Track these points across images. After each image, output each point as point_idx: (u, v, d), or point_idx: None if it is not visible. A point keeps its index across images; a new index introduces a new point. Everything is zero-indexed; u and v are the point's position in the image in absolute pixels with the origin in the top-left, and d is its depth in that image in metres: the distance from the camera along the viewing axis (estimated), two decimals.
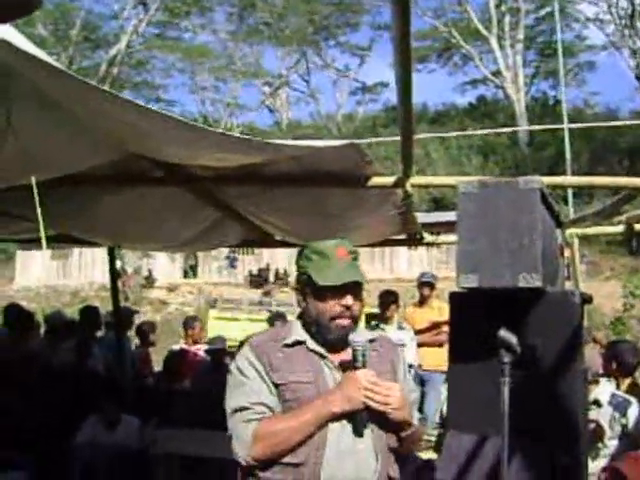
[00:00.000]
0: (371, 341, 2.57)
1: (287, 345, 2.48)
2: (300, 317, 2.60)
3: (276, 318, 7.23)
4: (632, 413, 4.40)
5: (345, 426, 2.43)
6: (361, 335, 2.49)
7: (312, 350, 2.49)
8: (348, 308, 2.47)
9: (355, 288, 2.49)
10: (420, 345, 7.60)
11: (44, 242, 2.84)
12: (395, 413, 2.44)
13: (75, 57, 43.38)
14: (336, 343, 2.50)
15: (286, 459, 2.37)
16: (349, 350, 2.49)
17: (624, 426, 4.40)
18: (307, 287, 2.51)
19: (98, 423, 5.38)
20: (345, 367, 2.50)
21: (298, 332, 2.52)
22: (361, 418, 2.44)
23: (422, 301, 8.13)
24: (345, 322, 2.48)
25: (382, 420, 2.47)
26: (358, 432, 2.44)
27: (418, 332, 7.67)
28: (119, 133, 2.82)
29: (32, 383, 5.75)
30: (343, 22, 49.50)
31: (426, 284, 8.03)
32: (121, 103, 2.28)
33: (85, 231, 5.34)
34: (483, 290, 2.89)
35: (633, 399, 4.49)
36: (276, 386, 2.43)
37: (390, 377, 2.56)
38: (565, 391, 2.94)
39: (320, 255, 2.50)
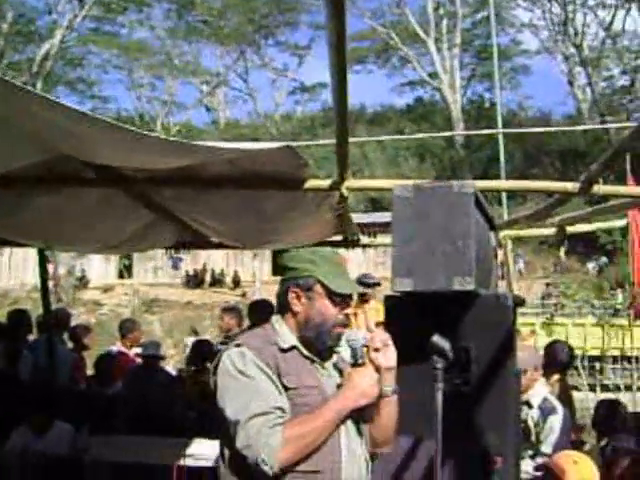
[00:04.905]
0: None
1: (282, 350, 2.45)
2: (283, 318, 2.55)
3: (226, 311, 7.13)
4: (552, 421, 4.50)
5: (348, 429, 2.45)
6: (356, 333, 2.53)
7: (304, 356, 2.49)
8: (347, 317, 2.54)
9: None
10: None
11: None
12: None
13: (6, 51, 42.22)
14: (329, 350, 2.54)
15: (301, 467, 2.31)
16: (334, 358, 2.58)
17: (539, 432, 4.50)
18: (311, 292, 2.50)
19: (28, 430, 5.26)
20: (338, 367, 2.56)
21: (288, 336, 2.49)
22: (370, 413, 2.49)
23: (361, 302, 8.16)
24: (342, 330, 2.52)
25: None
26: (361, 430, 2.50)
27: None
28: (47, 134, 2.75)
29: None
30: (282, 21, 49.40)
31: (366, 286, 8.07)
32: (49, 104, 2.22)
33: (14, 233, 5.19)
34: (418, 293, 2.91)
35: (560, 409, 4.60)
36: (286, 390, 2.38)
37: None
38: (498, 392, 2.99)
39: (328, 262, 2.54)
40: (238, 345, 2.44)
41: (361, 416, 2.47)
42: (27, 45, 44.11)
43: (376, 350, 2.43)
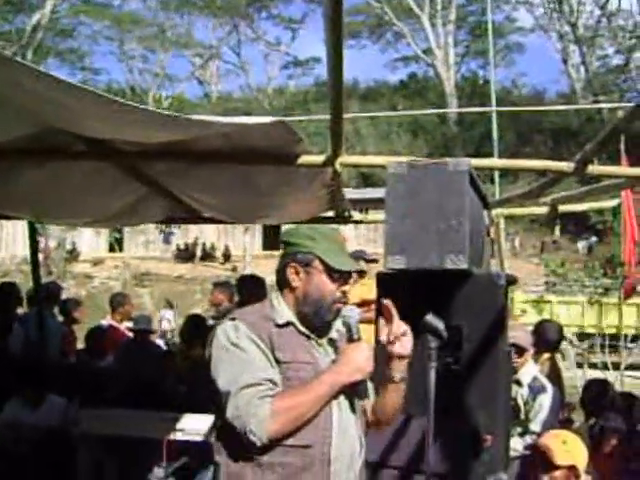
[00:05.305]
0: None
1: (278, 325, 2.46)
2: (282, 294, 2.56)
3: (217, 286, 7.13)
4: (542, 400, 4.56)
5: (341, 405, 2.45)
6: (351, 309, 2.56)
7: (301, 332, 2.50)
8: (344, 294, 2.55)
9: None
10: None
11: None
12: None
13: None
14: (327, 326, 2.55)
15: (291, 441, 2.32)
16: (332, 334, 2.57)
17: (529, 410, 4.55)
18: (310, 267, 2.50)
19: (21, 403, 5.29)
20: (334, 345, 2.56)
21: (285, 312, 2.50)
22: (364, 389, 2.48)
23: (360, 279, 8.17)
24: (340, 307, 2.54)
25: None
26: (355, 407, 2.50)
27: None
28: (37, 106, 2.71)
29: None
30: None
31: (364, 262, 8.07)
32: (39, 76, 2.18)
33: (3, 206, 5.14)
34: (410, 271, 2.90)
35: (550, 387, 4.65)
36: (278, 364, 2.39)
37: None
38: (489, 371, 2.99)
39: (327, 239, 2.55)
40: (233, 319, 2.46)
41: (355, 392, 2.47)
42: (17, 15, 43.59)
43: (394, 340, 2.43)
